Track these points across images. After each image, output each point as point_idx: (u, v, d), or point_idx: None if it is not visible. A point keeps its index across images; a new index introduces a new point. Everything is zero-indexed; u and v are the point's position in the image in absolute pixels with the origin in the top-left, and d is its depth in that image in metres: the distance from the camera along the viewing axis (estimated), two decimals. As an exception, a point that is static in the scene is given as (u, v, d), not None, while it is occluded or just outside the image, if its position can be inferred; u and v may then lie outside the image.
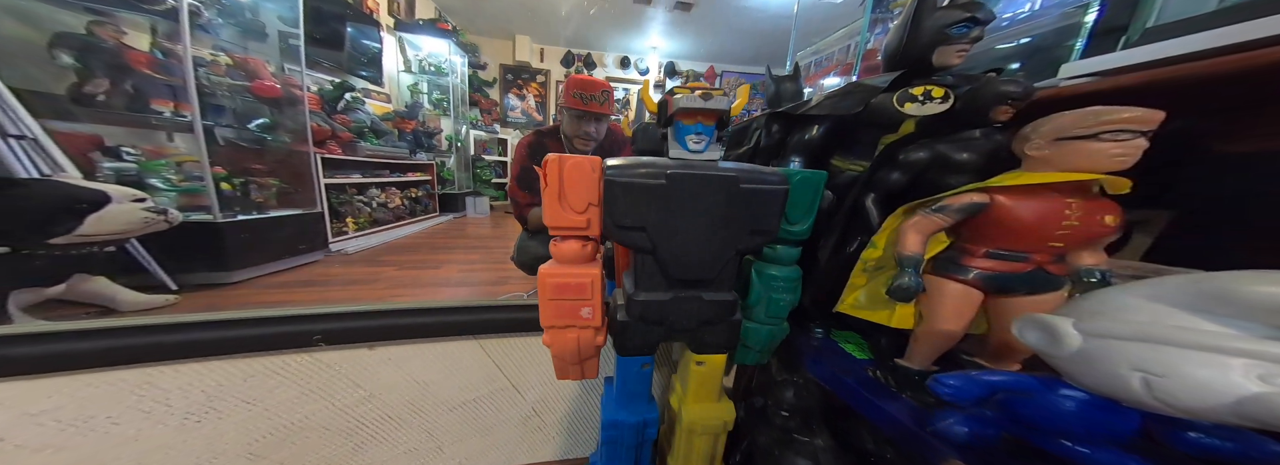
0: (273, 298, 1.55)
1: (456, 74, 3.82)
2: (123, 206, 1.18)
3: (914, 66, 0.50)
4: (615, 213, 0.40)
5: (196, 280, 1.55)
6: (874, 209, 0.52)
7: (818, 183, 0.46)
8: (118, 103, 1.47)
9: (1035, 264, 0.40)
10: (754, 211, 0.41)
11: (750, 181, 0.40)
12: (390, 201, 2.91)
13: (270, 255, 1.80)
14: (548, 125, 1.48)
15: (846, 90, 0.54)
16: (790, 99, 0.71)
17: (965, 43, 0.47)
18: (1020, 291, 0.41)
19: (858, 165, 0.56)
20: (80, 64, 1.38)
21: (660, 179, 0.38)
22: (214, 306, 1.42)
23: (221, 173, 1.71)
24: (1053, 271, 0.40)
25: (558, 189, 0.40)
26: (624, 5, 3.68)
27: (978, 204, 0.40)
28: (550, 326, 0.44)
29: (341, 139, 2.40)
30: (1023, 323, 0.31)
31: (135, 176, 1.49)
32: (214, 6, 1.66)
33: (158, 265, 1.44)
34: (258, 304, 1.49)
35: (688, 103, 0.39)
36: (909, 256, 0.42)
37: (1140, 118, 0.33)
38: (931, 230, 0.43)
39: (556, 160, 0.40)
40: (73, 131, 1.40)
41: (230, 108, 1.81)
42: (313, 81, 2.48)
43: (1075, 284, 0.40)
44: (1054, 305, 0.33)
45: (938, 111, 0.48)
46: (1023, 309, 0.39)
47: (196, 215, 1.58)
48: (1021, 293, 0.41)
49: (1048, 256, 0.40)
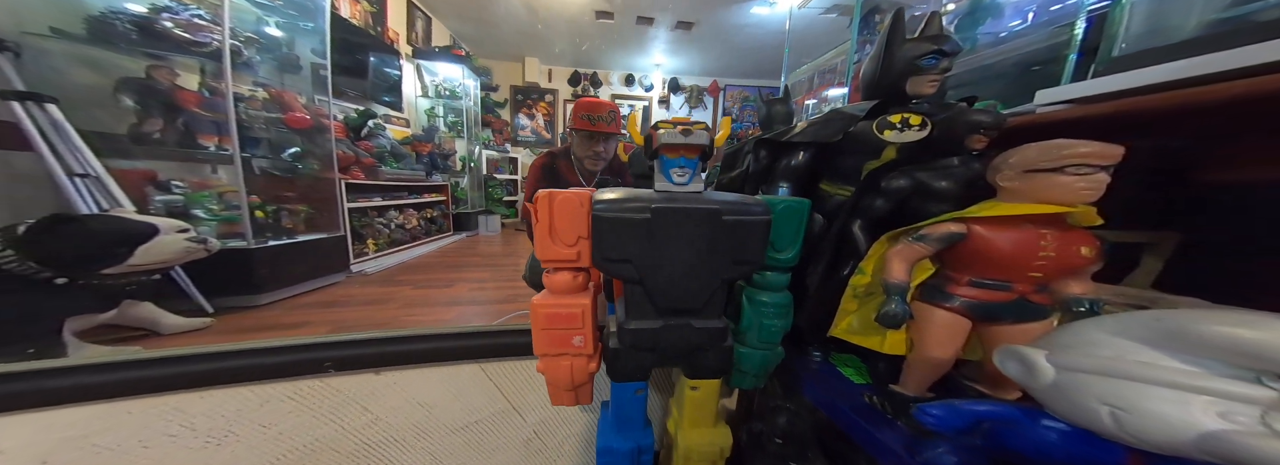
0: (297, 318, 1.64)
1: (470, 97, 4.01)
2: (169, 237, 1.27)
3: (890, 95, 0.52)
4: (603, 246, 0.41)
5: (230, 303, 1.65)
6: (861, 235, 0.53)
7: (802, 211, 0.47)
8: (170, 140, 1.61)
9: (1018, 293, 0.40)
10: (737, 242, 0.42)
11: (733, 213, 0.41)
12: (407, 223, 3.03)
13: (297, 278, 1.90)
14: (559, 146, 1.53)
15: (827, 118, 0.56)
16: (781, 121, 0.73)
17: (935, 73, 0.49)
18: (1007, 320, 0.41)
19: (845, 190, 0.57)
20: (139, 106, 1.53)
21: (645, 213, 0.40)
22: (244, 327, 1.52)
23: (256, 201, 1.84)
24: (1036, 300, 0.40)
25: (548, 223, 0.43)
26: (627, 25, 3.81)
27: (956, 233, 0.41)
28: (544, 354, 0.46)
29: (364, 164, 2.54)
30: (1003, 353, 0.31)
31: (182, 208, 1.62)
32: (253, 45, 1.81)
33: (196, 290, 1.55)
34: (283, 324, 1.58)
35: (669, 139, 0.42)
36: (894, 284, 0.43)
37: (1098, 153, 0.33)
38: (914, 258, 0.43)
39: (546, 197, 0.42)
40: (131, 168, 1.55)
41: (265, 139, 1.95)
42: (338, 110, 2.65)
43: (1065, 313, 0.40)
44: (1040, 335, 0.33)
45: (916, 139, 0.49)
46: (1010, 338, 0.39)
47: (233, 242, 1.69)
48: (1008, 321, 0.41)
49: (1029, 286, 0.40)
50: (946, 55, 0.48)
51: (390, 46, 3.11)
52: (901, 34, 0.50)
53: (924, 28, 0.51)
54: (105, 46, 1.45)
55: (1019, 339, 0.33)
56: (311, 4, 2.04)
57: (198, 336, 1.44)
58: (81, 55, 1.44)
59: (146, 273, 1.29)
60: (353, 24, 2.66)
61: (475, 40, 4.27)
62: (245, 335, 1.46)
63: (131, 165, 1.55)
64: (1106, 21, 0.69)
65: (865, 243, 0.52)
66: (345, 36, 2.53)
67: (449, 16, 3.81)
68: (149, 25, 1.44)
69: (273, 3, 1.86)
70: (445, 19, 3.85)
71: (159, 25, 1.45)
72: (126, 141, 1.52)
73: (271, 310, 1.71)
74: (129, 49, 1.48)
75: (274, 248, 1.78)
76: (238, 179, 1.68)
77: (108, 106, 1.49)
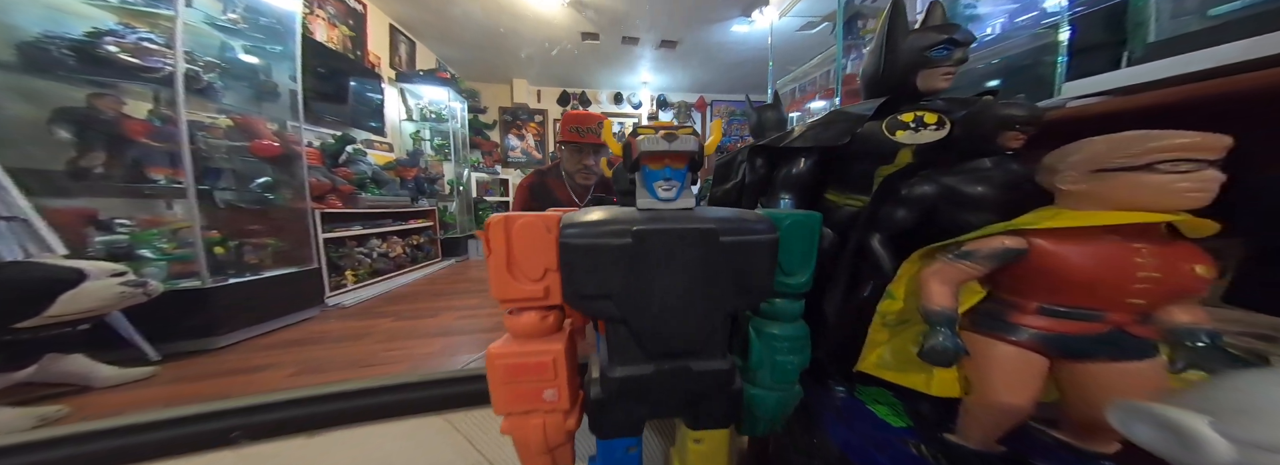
0: (258, 360, 1.49)
1: (457, 119, 3.94)
2: (99, 283, 1.13)
3: (898, 92, 0.46)
4: (575, 280, 0.34)
5: (183, 348, 1.49)
6: (883, 251, 0.46)
7: (813, 226, 0.40)
8: (116, 174, 1.46)
9: (1112, 324, 0.31)
10: (741, 267, 0.36)
11: (733, 232, 0.35)
12: (391, 251, 2.86)
13: (263, 316, 1.75)
14: (547, 164, 1.45)
15: (829, 119, 0.50)
16: (773, 128, 0.68)
17: (949, 65, 0.44)
18: (1099, 357, 0.32)
19: (856, 199, 0.50)
20: (78, 138, 1.38)
21: (625, 237, 0.33)
22: (191, 375, 1.35)
23: (216, 237, 1.68)
24: (1136, 333, 0.31)
25: (505, 255, 0.34)
26: (613, 46, 3.85)
27: (1011, 249, 0.33)
28: (508, 414, 0.37)
29: (342, 192, 2.39)
30: (1124, 412, 0.22)
31: (127, 248, 1.46)
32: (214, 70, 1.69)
33: (140, 336, 1.38)
34: (239, 369, 1.42)
35: (650, 145, 0.34)
36: (938, 312, 0.35)
37: (1201, 145, 0.26)
38: (960, 279, 0.36)
39: (501, 222, 0.34)
40: (67, 207, 1.39)
41: (229, 169, 1.81)
42: (315, 136, 2.53)
43: (1176, 349, 0.31)
44: (1152, 376, 0.25)
45: (934, 139, 0.44)
46: (1107, 381, 0.30)
47: (186, 282, 1.52)
48: (1102, 359, 0.32)
49: (1128, 315, 0.31)
50: (959, 45, 0.43)
51: (370, 70, 3.04)
52: (904, 24, 0.45)
53: (925, 18, 0.46)
54: (40, 75, 1.32)
55: (1122, 383, 0.25)
56: (282, 27, 1.94)
57: (138, 388, 1.26)
58: (13, 86, 1.31)
59: (72, 323, 1.13)
60: (329, 48, 2.59)
61: (461, 63, 4.26)
62: (192, 384, 1.29)
63: (68, 204, 1.39)
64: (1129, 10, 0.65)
65: (889, 260, 0.44)
66: (322, 61, 2.44)
67: (433, 40, 3.79)
68: (90, 50, 1.32)
69: (236, 26, 1.76)
70: (429, 43, 3.83)
71: (101, 50, 1.32)
72: (63, 178, 1.37)
73: (229, 353, 1.54)
74: (68, 77, 1.35)
75: (234, 286, 1.62)
76: (192, 213, 1.52)
77: (43, 141, 1.34)
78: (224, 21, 1.73)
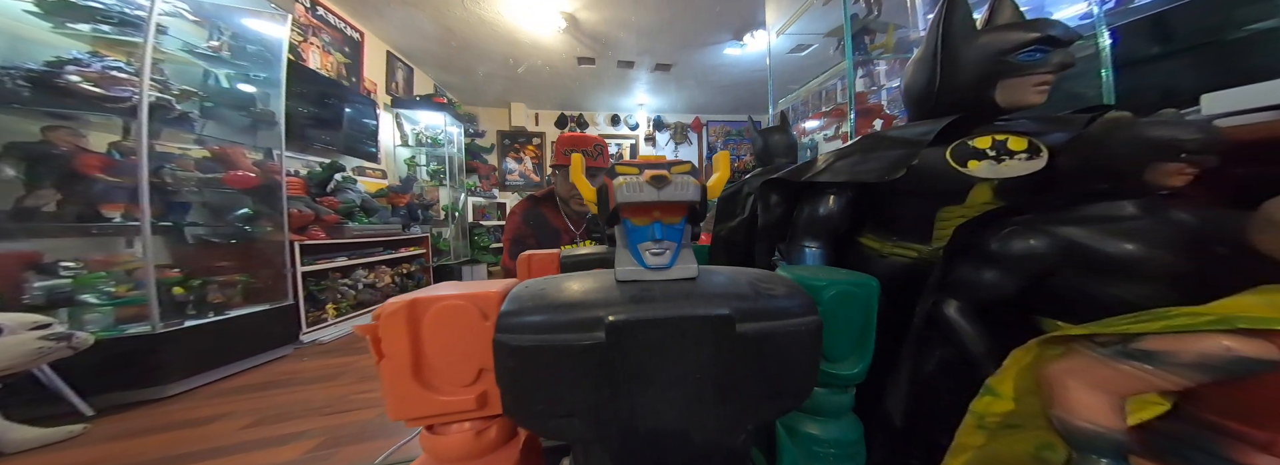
0: (211, 410, 1.34)
1: (453, 143, 3.89)
2: (14, 339, 1.00)
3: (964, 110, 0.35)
4: (523, 396, 0.23)
5: (125, 398, 1.34)
6: (967, 325, 0.33)
7: (867, 298, 0.30)
8: (67, 212, 1.34)
9: None
10: (769, 365, 0.25)
11: (755, 316, 0.24)
12: (379, 281, 2.71)
13: (224, 358, 1.60)
14: (542, 189, 1.34)
15: (866, 145, 0.38)
16: (782, 153, 0.59)
17: (1045, 72, 0.33)
18: None
19: (908, 249, 0.38)
20: (27, 176, 1.27)
21: (596, 333, 0.23)
22: (126, 432, 1.20)
23: (175, 277, 1.53)
24: None
25: (410, 358, 0.24)
26: (609, 69, 3.88)
27: (1247, 360, 0.21)
28: None
29: (326, 222, 2.27)
30: None
31: (68, 294, 1.31)
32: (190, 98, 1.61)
33: (70, 389, 1.23)
34: (187, 420, 1.26)
35: (632, 195, 0.23)
36: (1094, 433, 0.24)
37: None
38: (1133, 390, 0.24)
39: (404, 310, 0.23)
40: (6, 251, 1.26)
41: (199, 202, 1.69)
42: (303, 164, 2.44)
43: None
44: None
45: (1027, 171, 0.33)
46: None
47: (136, 327, 1.37)
48: None
49: None
50: (1060, 45, 0.32)
51: (365, 97, 3.00)
52: (966, 23, 0.34)
53: (992, 15, 0.36)
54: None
55: None
56: (270, 55, 1.89)
57: (59, 450, 1.09)
58: (-38, 119, 1.21)
59: None
60: (321, 75, 2.55)
61: (459, 88, 4.29)
62: (125, 441, 1.14)
63: (6, 248, 1.26)
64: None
65: (981, 338, 0.33)
66: (313, 88, 2.39)
67: (431, 67, 3.81)
68: (49, 80, 1.23)
69: (217, 53, 1.69)
70: (428, 69, 3.85)
71: (61, 80, 1.24)
72: (5, 219, 1.24)
73: (177, 403, 1.39)
74: (23, 109, 1.25)
75: (189, 330, 1.46)
76: (146, 252, 1.39)
77: (-12, 178, 1.23)
78: (204, 49, 1.67)
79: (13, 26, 1.28)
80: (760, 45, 3.28)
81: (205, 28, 1.71)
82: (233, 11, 1.80)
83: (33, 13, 1.28)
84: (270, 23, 1.90)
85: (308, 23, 2.48)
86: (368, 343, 0.24)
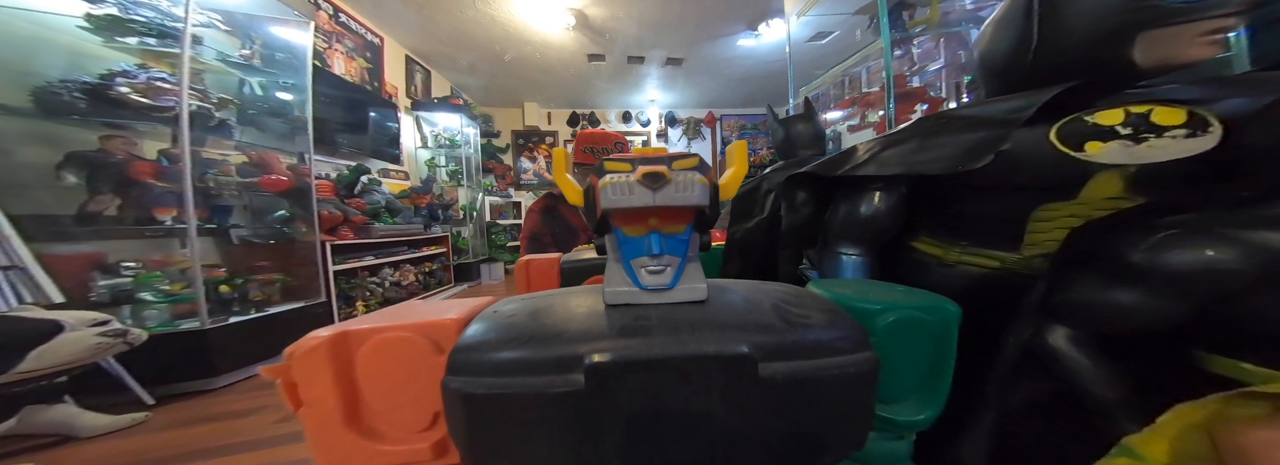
0: (250, 402, 1.42)
1: (470, 144, 3.96)
2: (75, 335, 1.07)
3: (1075, 76, 0.26)
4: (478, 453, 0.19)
5: (182, 389, 1.45)
6: (1088, 361, 0.25)
7: (943, 326, 0.23)
8: (126, 216, 1.43)
9: None
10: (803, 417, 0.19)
11: (782, 354, 0.18)
12: (403, 279, 2.80)
13: (264, 353, 1.67)
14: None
15: (926, 129, 0.31)
16: (808, 144, 0.52)
17: (1221, 15, 0.24)
18: None
19: (985, 257, 0.31)
20: (88, 182, 1.36)
21: (575, 376, 0.18)
22: (183, 420, 1.29)
23: (220, 276, 1.62)
24: None
25: (341, 404, 0.20)
26: (619, 65, 3.85)
27: None
28: None
29: (355, 223, 2.35)
30: None
31: (129, 292, 1.41)
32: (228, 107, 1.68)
33: (135, 380, 1.33)
34: (232, 412, 1.34)
35: (619, 199, 0.18)
36: None
37: None
38: None
39: (324, 345, 0.20)
40: (74, 253, 1.36)
41: (240, 205, 1.78)
42: (331, 168, 2.53)
43: None
44: None
45: (1187, 155, 0.24)
46: None
47: (188, 323, 1.46)
48: None
49: None
50: None
51: (387, 101, 3.09)
52: None
53: None
54: (55, 119, 1.31)
55: None
56: (298, 62, 1.96)
57: (123, 437, 1.18)
58: (29, 131, 1.30)
59: (47, 376, 1.08)
60: (347, 80, 2.63)
61: (475, 89, 4.35)
62: (179, 430, 1.23)
63: (75, 249, 1.36)
64: None
65: (1113, 381, 0.25)
66: (340, 93, 2.48)
67: (447, 69, 3.88)
68: (102, 92, 1.31)
69: (248, 61, 1.77)
70: (444, 71, 3.92)
71: (113, 91, 1.32)
72: (69, 223, 1.34)
73: (225, 395, 1.48)
74: (82, 120, 1.34)
75: (234, 326, 1.55)
76: (193, 253, 1.47)
77: (54, 186, 1.32)
78: (237, 58, 1.74)
79: (72, 43, 1.37)
80: (775, 35, 3.19)
81: (237, 37, 1.79)
82: (260, 20, 1.87)
83: (85, 27, 1.36)
84: (295, 30, 1.97)
85: (331, 29, 2.56)
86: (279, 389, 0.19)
